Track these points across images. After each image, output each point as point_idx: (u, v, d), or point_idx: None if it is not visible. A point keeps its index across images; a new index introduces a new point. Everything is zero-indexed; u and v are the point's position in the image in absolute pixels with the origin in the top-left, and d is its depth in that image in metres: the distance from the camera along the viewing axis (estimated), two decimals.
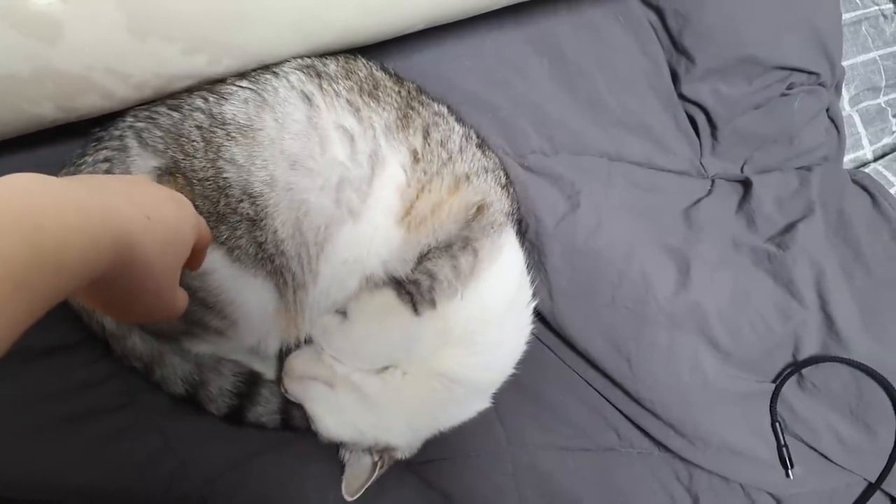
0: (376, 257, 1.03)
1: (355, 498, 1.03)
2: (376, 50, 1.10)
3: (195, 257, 0.76)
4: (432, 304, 1.00)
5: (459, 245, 1.02)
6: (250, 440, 1.08)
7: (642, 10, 1.28)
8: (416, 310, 1.00)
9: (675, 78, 1.30)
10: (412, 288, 1.00)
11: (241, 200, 0.94)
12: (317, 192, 0.97)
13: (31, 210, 0.50)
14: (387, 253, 1.03)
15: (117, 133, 0.97)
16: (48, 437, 0.99)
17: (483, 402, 1.09)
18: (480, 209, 1.05)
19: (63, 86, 0.87)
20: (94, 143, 0.98)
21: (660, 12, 1.27)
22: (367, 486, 1.04)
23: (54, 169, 1.00)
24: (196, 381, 1.03)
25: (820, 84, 1.28)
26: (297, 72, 1.00)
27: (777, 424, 1.13)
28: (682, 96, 1.30)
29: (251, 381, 1.06)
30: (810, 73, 1.26)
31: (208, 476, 1.05)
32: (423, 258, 1.02)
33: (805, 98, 1.27)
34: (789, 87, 1.26)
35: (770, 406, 1.13)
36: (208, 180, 0.93)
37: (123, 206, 0.62)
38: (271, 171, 0.95)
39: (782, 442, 1.12)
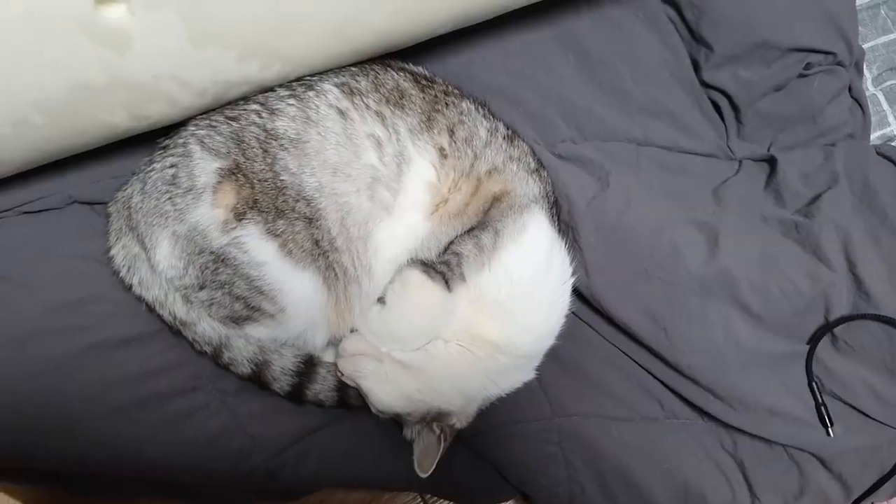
0: (411, 248, 1.12)
1: (429, 473, 1.09)
2: (414, 55, 1.20)
3: None
4: (462, 278, 1.07)
5: (481, 227, 1.11)
6: (312, 416, 1.16)
7: (660, 6, 1.35)
8: (448, 286, 1.07)
9: (695, 66, 1.36)
10: (442, 268, 1.08)
11: (298, 201, 1.05)
12: (355, 194, 1.07)
13: None
14: (419, 244, 1.12)
15: (181, 141, 1.08)
16: (128, 417, 1.09)
17: (527, 373, 1.15)
18: (501, 196, 1.13)
19: (134, 94, 0.97)
20: (160, 152, 1.10)
21: (676, 6, 1.34)
22: (437, 461, 1.09)
23: (127, 177, 1.13)
24: (260, 361, 1.12)
25: (838, 63, 1.33)
26: (334, 89, 1.10)
27: (814, 384, 1.16)
28: (704, 83, 1.36)
29: (309, 361, 1.14)
30: (826, 52, 1.31)
31: (275, 450, 1.13)
32: (449, 244, 1.11)
33: (824, 78, 1.32)
34: (807, 68, 1.31)
35: (806, 366, 1.17)
36: (267, 181, 1.04)
37: None
38: (319, 178, 1.05)
39: (820, 401, 1.16)
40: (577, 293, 1.20)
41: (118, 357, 1.10)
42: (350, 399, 1.15)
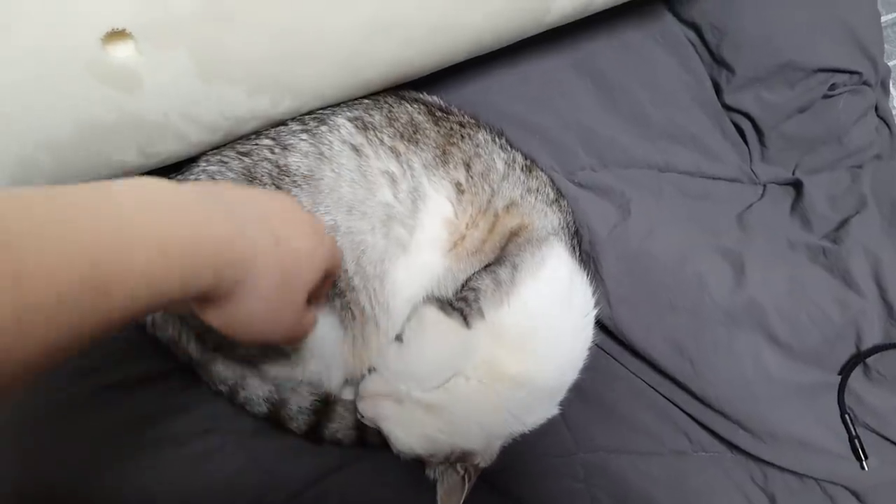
0: (428, 286, 1.09)
1: None
2: (429, 83, 1.19)
3: (322, 287, 0.79)
4: (480, 314, 1.04)
5: (498, 262, 1.08)
6: (331, 456, 1.13)
7: (679, 28, 1.33)
8: (466, 322, 1.04)
9: (717, 89, 1.34)
10: (460, 304, 1.05)
11: None
12: (371, 232, 1.04)
13: (154, 216, 0.55)
14: (436, 282, 1.10)
15: (192, 177, 1.06)
16: (142, 462, 1.06)
17: (551, 409, 1.11)
18: (519, 230, 1.10)
19: (143, 132, 0.96)
20: None
21: (696, 28, 1.32)
22: (462, 501, 1.06)
23: None
24: (276, 400, 1.10)
25: (864, 83, 1.30)
26: (348, 124, 1.08)
27: (847, 416, 1.13)
28: (726, 106, 1.33)
29: (327, 400, 1.12)
30: (852, 72, 1.28)
31: (293, 491, 1.10)
32: (466, 281, 1.08)
33: (849, 98, 1.29)
34: (832, 88, 1.28)
35: (838, 397, 1.13)
36: None
37: (250, 227, 0.65)
38: (334, 216, 1.02)
39: (853, 433, 1.12)
40: (600, 324, 1.17)
41: (131, 399, 1.08)
42: (369, 437, 1.12)
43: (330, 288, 0.84)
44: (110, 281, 0.50)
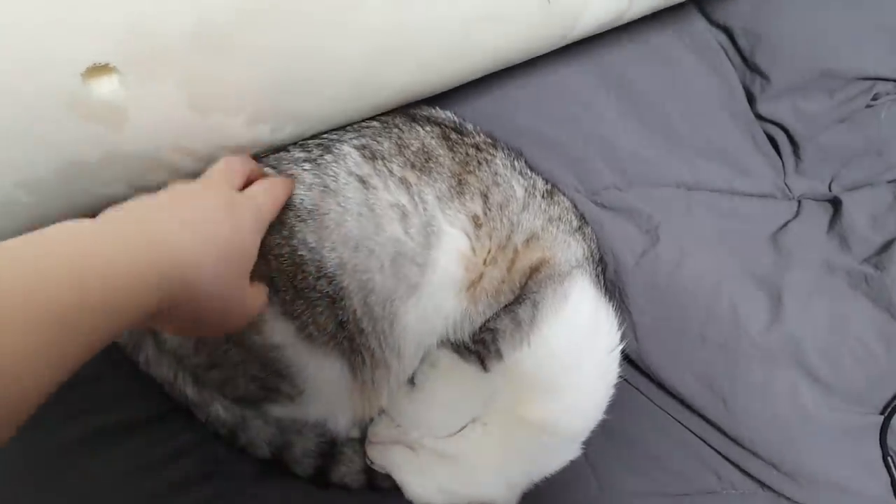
0: (441, 331, 1.02)
1: None
2: (441, 97, 1.10)
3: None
4: (499, 355, 0.98)
5: (518, 301, 1.00)
6: (339, 501, 1.07)
7: (710, 32, 1.24)
8: (484, 366, 0.98)
9: (750, 98, 1.24)
10: (477, 347, 0.98)
11: (319, 278, 0.93)
12: (379, 271, 0.96)
13: (78, 252, 0.53)
14: (450, 326, 1.02)
15: None
16: None
17: (573, 451, 1.05)
18: (539, 265, 1.03)
19: (133, 167, 0.88)
20: None
21: (728, 32, 1.22)
22: None
23: None
24: (280, 443, 1.03)
25: None
26: (354, 152, 1.00)
27: (889, 459, 1.05)
28: (759, 116, 1.24)
29: (333, 441, 1.05)
30: None
31: None
32: (484, 324, 1.01)
33: (893, 107, 1.20)
34: (874, 98, 1.19)
35: (880, 439, 1.06)
36: (283, 256, 0.93)
37: (172, 231, 0.65)
38: (340, 254, 0.94)
39: None
40: (625, 356, 1.10)
41: (126, 443, 1.01)
42: (379, 481, 1.06)
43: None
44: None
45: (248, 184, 0.87)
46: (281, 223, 0.93)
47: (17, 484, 0.96)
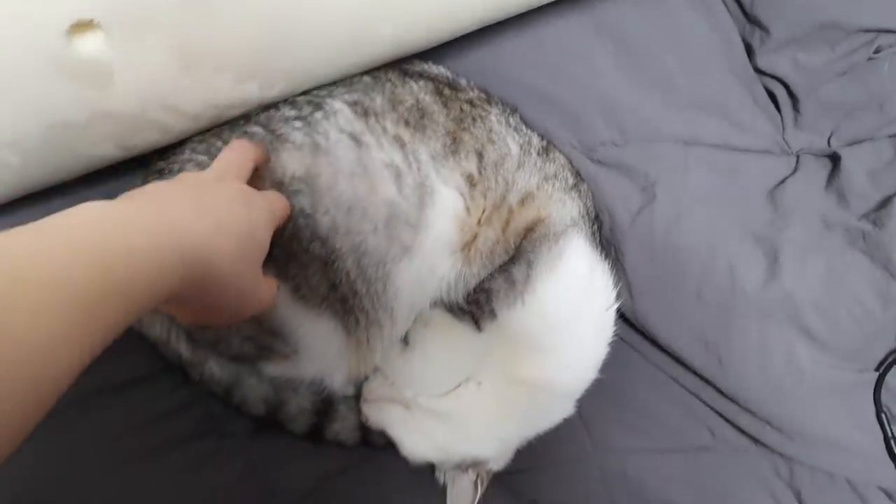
0: (439, 289, 1.01)
1: None
2: (433, 51, 1.07)
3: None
4: (493, 314, 0.97)
5: (512, 261, 1.00)
6: (334, 458, 1.07)
7: None
8: (478, 325, 0.97)
9: (749, 51, 1.22)
10: (471, 307, 0.98)
11: (313, 241, 0.92)
12: (373, 233, 0.95)
13: (102, 236, 0.52)
14: (444, 287, 1.01)
15: (177, 167, 0.96)
16: (134, 469, 1.00)
17: (567, 409, 1.05)
18: (534, 224, 1.01)
19: (120, 126, 0.86)
20: (154, 176, 0.98)
21: None
22: None
23: None
24: (275, 400, 1.03)
25: None
26: (346, 109, 0.98)
27: (883, 415, 1.06)
28: (758, 70, 1.21)
29: (328, 399, 1.05)
30: None
31: (295, 496, 1.05)
32: (478, 285, 1.00)
33: (895, 60, 1.18)
34: (876, 51, 1.16)
35: (874, 396, 1.06)
36: None
37: (191, 219, 0.64)
38: (333, 216, 0.93)
39: (890, 434, 1.05)
40: (621, 315, 1.10)
41: (122, 402, 1.01)
42: (373, 438, 1.06)
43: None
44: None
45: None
46: (276, 189, 0.92)
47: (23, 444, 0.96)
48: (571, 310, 1.01)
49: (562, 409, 1.04)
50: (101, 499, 0.99)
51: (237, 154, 0.84)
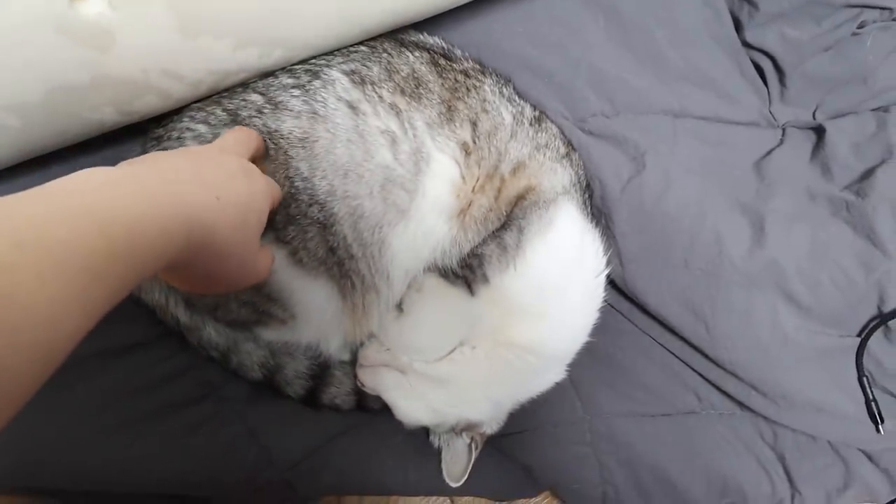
0: (429, 257, 1.03)
1: (461, 483, 1.04)
2: (427, 23, 1.09)
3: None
4: (485, 279, 0.99)
5: (504, 227, 1.01)
6: (329, 422, 1.10)
7: None
8: (470, 290, 0.99)
9: (737, 25, 1.24)
10: (464, 272, 0.99)
11: (311, 205, 0.93)
12: (369, 197, 0.96)
13: (105, 202, 0.53)
14: (438, 252, 1.03)
15: (175, 135, 0.97)
16: (132, 431, 1.02)
17: (558, 373, 1.07)
18: (526, 192, 1.03)
19: (121, 90, 0.87)
20: (153, 143, 0.99)
21: None
22: (469, 470, 1.04)
23: None
24: (272, 365, 1.05)
25: (894, 19, 1.21)
26: (343, 78, 0.99)
27: (864, 379, 1.09)
28: (746, 44, 1.24)
29: (324, 364, 1.07)
30: (883, 8, 1.18)
31: (291, 460, 1.07)
32: (471, 251, 1.02)
33: (878, 35, 1.19)
34: (861, 26, 1.19)
35: (856, 360, 1.09)
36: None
37: (193, 189, 0.65)
38: (330, 181, 0.94)
39: (871, 397, 1.08)
40: (610, 282, 1.12)
41: (121, 367, 1.03)
42: (369, 402, 1.08)
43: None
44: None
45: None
46: (275, 153, 0.93)
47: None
48: (561, 275, 1.02)
49: (554, 373, 1.07)
50: (100, 461, 1.01)
51: (240, 133, 0.86)
